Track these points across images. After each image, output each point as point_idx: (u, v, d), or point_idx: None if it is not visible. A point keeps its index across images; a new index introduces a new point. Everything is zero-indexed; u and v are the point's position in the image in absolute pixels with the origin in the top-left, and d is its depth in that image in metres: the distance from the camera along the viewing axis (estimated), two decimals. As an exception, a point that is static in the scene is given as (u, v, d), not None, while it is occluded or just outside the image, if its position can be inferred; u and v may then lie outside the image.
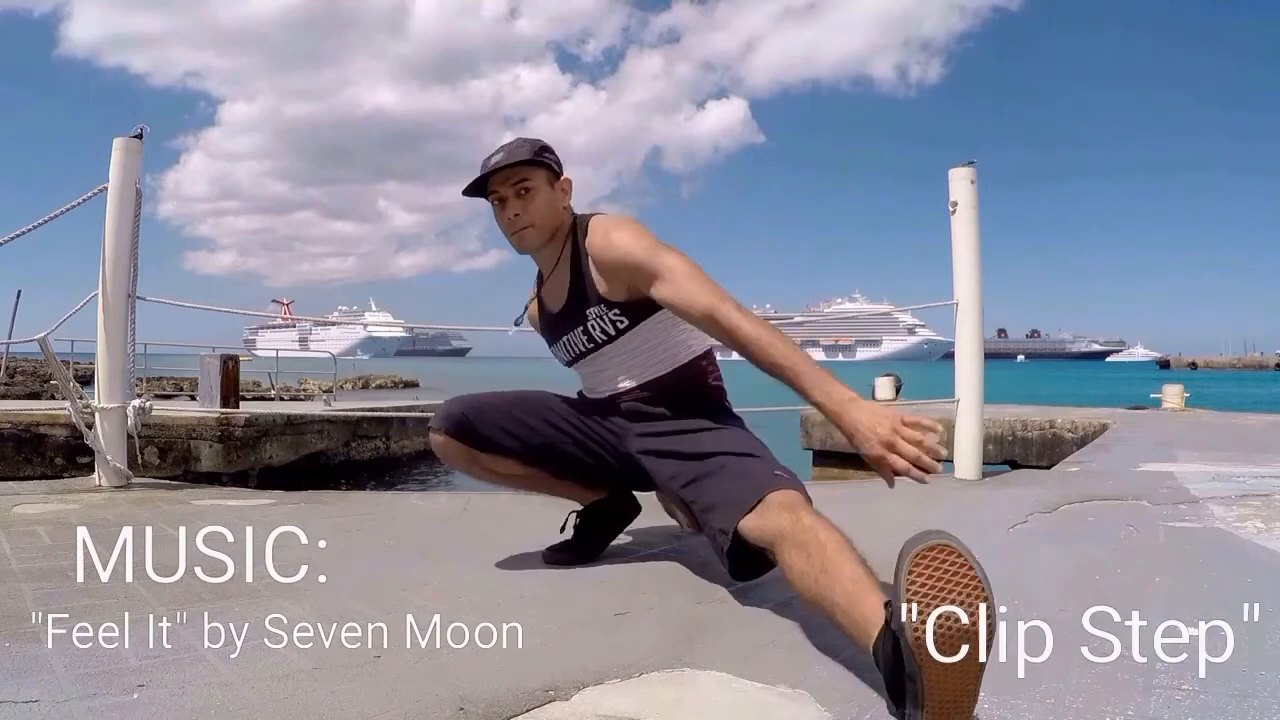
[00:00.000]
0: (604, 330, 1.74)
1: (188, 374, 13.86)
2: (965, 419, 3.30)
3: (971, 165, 3.29)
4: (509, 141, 1.77)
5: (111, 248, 2.92)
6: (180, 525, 1.57)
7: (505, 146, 1.76)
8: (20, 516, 2.33)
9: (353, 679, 1.18)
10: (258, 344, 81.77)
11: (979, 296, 3.28)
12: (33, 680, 1.14)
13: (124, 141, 2.95)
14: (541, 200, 1.74)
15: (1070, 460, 4.27)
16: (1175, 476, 3.21)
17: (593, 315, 1.74)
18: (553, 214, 1.75)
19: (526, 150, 1.73)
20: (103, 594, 1.47)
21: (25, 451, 7.32)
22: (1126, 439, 5.12)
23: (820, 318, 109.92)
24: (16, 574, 1.70)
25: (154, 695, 1.11)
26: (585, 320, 1.75)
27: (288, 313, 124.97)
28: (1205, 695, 1.11)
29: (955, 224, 3.27)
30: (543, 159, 1.74)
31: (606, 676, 1.19)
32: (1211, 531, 2.20)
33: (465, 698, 1.10)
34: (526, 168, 1.72)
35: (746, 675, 1.19)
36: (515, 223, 1.73)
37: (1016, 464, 5.90)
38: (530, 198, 1.73)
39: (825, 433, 7.11)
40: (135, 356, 3.11)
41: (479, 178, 1.73)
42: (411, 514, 2.52)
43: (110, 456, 2.91)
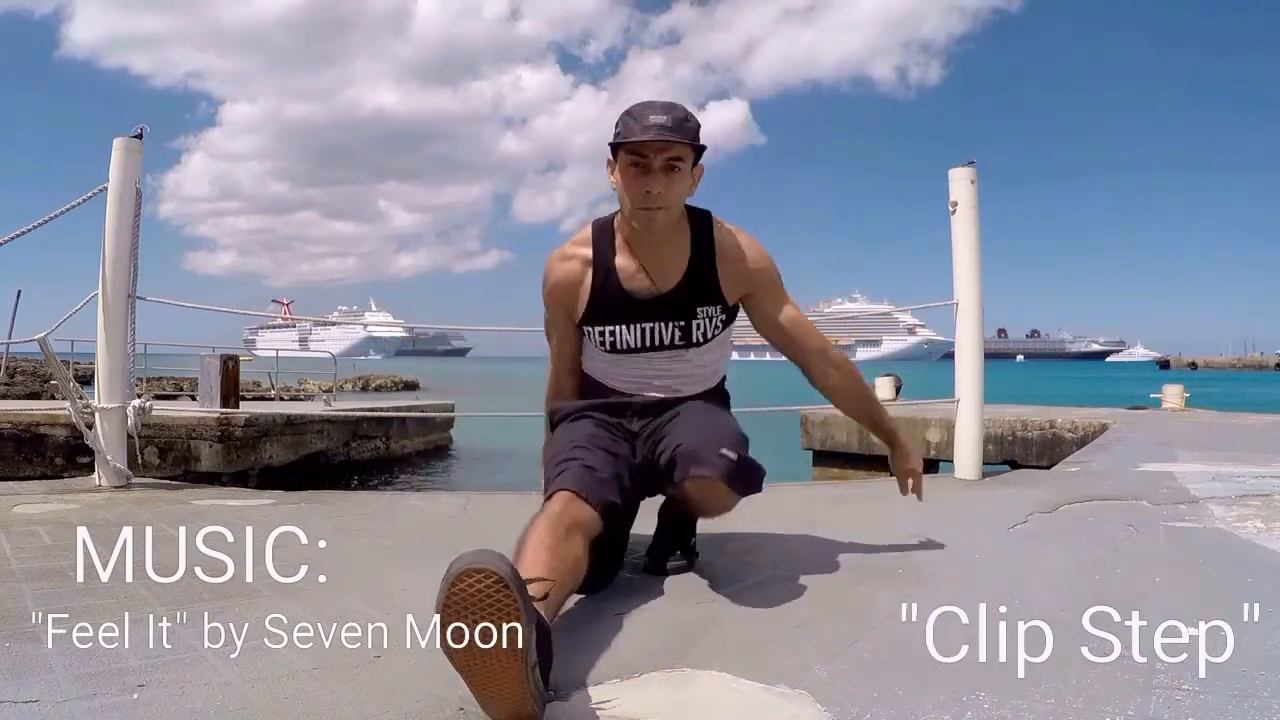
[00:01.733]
0: (704, 333, 1.69)
1: (188, 374, 13.85)
2: (965, 419, 3.30)
3: (971, 165, 3.28)
4: (666, 102, 1.60)
5: (111, 248, 2.92)
6: (180, 525, 1.57)
7: (667, 108, 1.58)
8: (20, 516, 2.33)
9: (353, 679, 1.18)
10: (258, 344, 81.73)
11: (979, 296, 3.28)
12: (33, 680, 1.14)
13: (124, 141, 2.94)
14: (684, 187, 1.61)
15: (1070, 460, 4.26)
16: (1175, 476, 3.21)
17: (702, 314, 1.68)
18: (683, 203, 1.65)
19: (695, 128, 1.58)
20: (103, 594, 1.47)
21: (25, 451, 7.31)
22: (1126, 439, 5.12)
23: (820, 318, 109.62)
24: (16, 574, 1.69)
25: (154, 695, 1.11)
26: (692, 316, 1.67)
27: (288, 313, 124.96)
28: (1205, 695, 1.11)
29: (955, 224, 3.27)
30: (699, 141, 1.59)
31: (606, 676, 1.19)
32: (1211, 531, 2.20)
33: (465, 698, 1.09)
34: (687, 148, 1.57)
35: (746, 675, 1.19)
36: (653, 199, 1.57)
37: (1016, 464, 5.90)
38: (675, 179, 1.58)
39: (825, 433, 7.11)
40: (135, 356, 3.11)
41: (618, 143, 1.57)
42: (411, 514, 2.52)
43: (110, 456, 2.91)
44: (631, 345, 1.69)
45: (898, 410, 7.09)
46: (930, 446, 6.35)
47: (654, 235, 1.64)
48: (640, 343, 1.68)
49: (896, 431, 1.97)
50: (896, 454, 1.97)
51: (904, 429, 7.04)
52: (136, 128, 2.96)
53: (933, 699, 1.11)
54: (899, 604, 1.40)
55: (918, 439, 6.45)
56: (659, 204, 1.58)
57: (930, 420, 6.36)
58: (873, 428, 1.97)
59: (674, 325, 1.68)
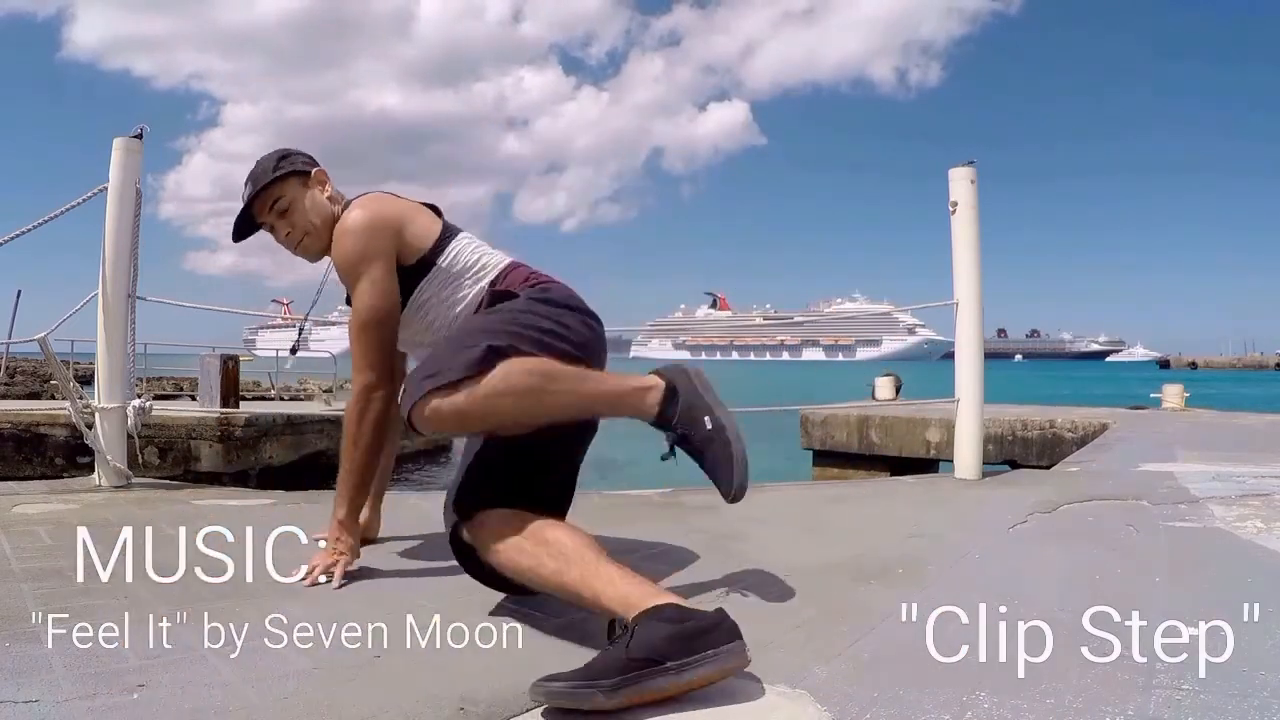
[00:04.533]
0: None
1: (188, 374, 13.85)
2: (965, 419, 3.30)
3: (971, 165, 3.28)
4: (253, 167, 1.79)
5: (111, 248, 2.92)
6: (180, 525, 1.57)
7: (250, 174, 1.78)
8: (20, 516, 2.33)
9: (353, 679, 1.18)
10: (258, 344, 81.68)
11: (979, 296, 3.28)
12: (33, 680, 1.14)
13: (124, 141, 2.94)
14: (302, 211, 1.75)
15: (1070, 460, 4.27)
16: (1175, 476, 3.21)
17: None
18: (320, 214, 1.76)
19: (268, 168, 1.75)
20: (103, 594, 1.46)
21: (25, 451, 7.31)
22: (1126, 439, 5.12)
23: (820, 318, 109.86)
24: (16, 574, 1.69)
25: (154, 695, 1.11)
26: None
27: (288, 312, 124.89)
28: (1205, 695, 1.11)
29: (955, 224, 3.27)
30: (281, 169, 1.75)
31: (606, 676, 1.19)
32: (1211, 531, 2.20)
33: (465, 698, 1.10)
34: (271, 188, 1.74)
35: (747, 676, 1.19)
36: (286, 242, 1.76)
37: (1016, 464, 5.90)
38: (289, 217, 1.75)
39: (825, 433, 7.11)
40: (135, 356, 3.11)
41: (242, 223, 1.78)
42: (411, 514, 2.51)
43: (110, 456, 2.91)
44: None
45: (898, 410, 7.11)
46: (930, 446, 6.35)
47: (322, 255, 1.77)
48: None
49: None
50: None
51: (904, 428, 6.98)
52: (136, 128, 2.96)
53: (933, 699, 1.11)
54: (899, 604, 1.40)
55: (918, 439, 6.46)
56: (294, 240, 1.77)
57: (930, 420, 6.36)
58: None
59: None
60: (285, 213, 1.75)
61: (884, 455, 6.61)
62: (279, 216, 1.75)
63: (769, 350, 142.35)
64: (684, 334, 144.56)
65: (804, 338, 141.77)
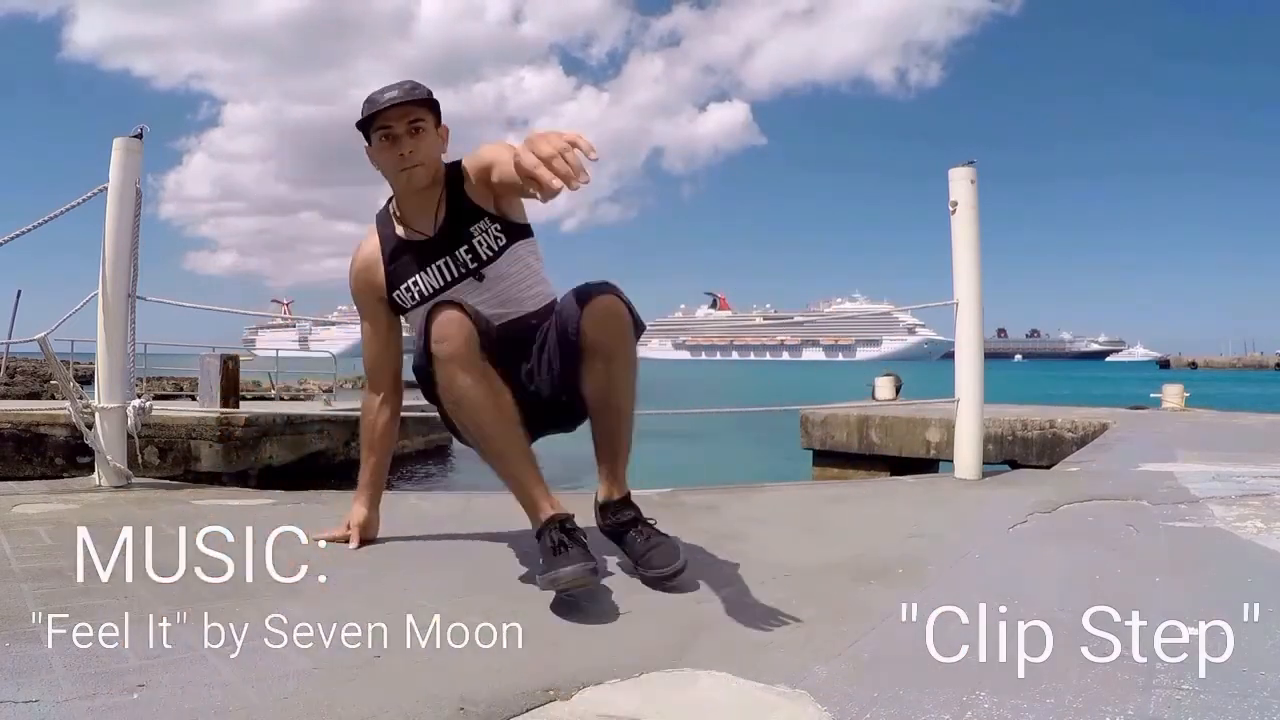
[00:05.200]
0: (489, 246, 1.79)
1: (188, 374, 13.85)
2: (965, 419, 3.30)
3: (971, 165, 3.28)
4: (397, 82, 1.79)
5: (111, 248, 2.92)
6: (180, 525, 1.57)
7: (397, 85, 1.77)
8: (20, 516, 2.33)
9: (353, 679, 1.18)
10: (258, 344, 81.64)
11: (979, 296, 3.28)
12: (33, 680, 1.14)
13: (124, 141, 2.94)
14: (432, 142, 1.78)
15: (1070, 460, 4.26)
16: (1175, 476, 3.21)
17: (477, 230, 1.79)
18: (437, 159, 1.81)
19: (426, 91, 1.77)
20: (103, 594, 1.46)
21: (25, 451, 7.32)
22: (1126, 439, 5.12)
23: (820, 318, 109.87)
24: (16, 574, 1.69)
25: (154, 695, 1.11)
26: (470, 237, 1.79)
27: (287, 312, 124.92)
28: (1205, 695, 1.11)
29: (955, 224, 3.27)
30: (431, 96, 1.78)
31: (606, 676, 1.19)
32: (1211, 531, 2.20)
33: (465, 698, 1.10)
34: (420, 108, 1.76)
35: (746, 675, 1.19)
36: (407, 159, 1.75)
37: (1016, 464, 5.90)
38: (422, 138, 1.76)
39: (825, 433, 7.11)
40: (135, 356, 3.10)
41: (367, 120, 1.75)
42: (411, 514, 2.52)
43: (110, 456, 2.91)
44: (435, 287, 1.81)
45: (898, 410, 7.11)
46: (930, 446, 6.35)
47: (418, 192, 1.79)
48: (440, 281, 1.81)
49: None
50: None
51: (904, 428, 6.98)
52: (136, 128, 2.96)
53: (933, 699, 1.11)
54: (899, 604, 1.40)
55: (918, 439, 6.46)
56: (414, 161, 1.75)
57: (930, 420, 6.36)
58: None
59: (460, 251, 1.79)
60: (416, 134, 1.76)
61: (884, 455, 6.61)
62: (410, 134, 1.75)
63: (769, 350, 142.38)
64: (684, 334, 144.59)
65: (804, 338, 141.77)
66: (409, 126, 1.75)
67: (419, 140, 1.76)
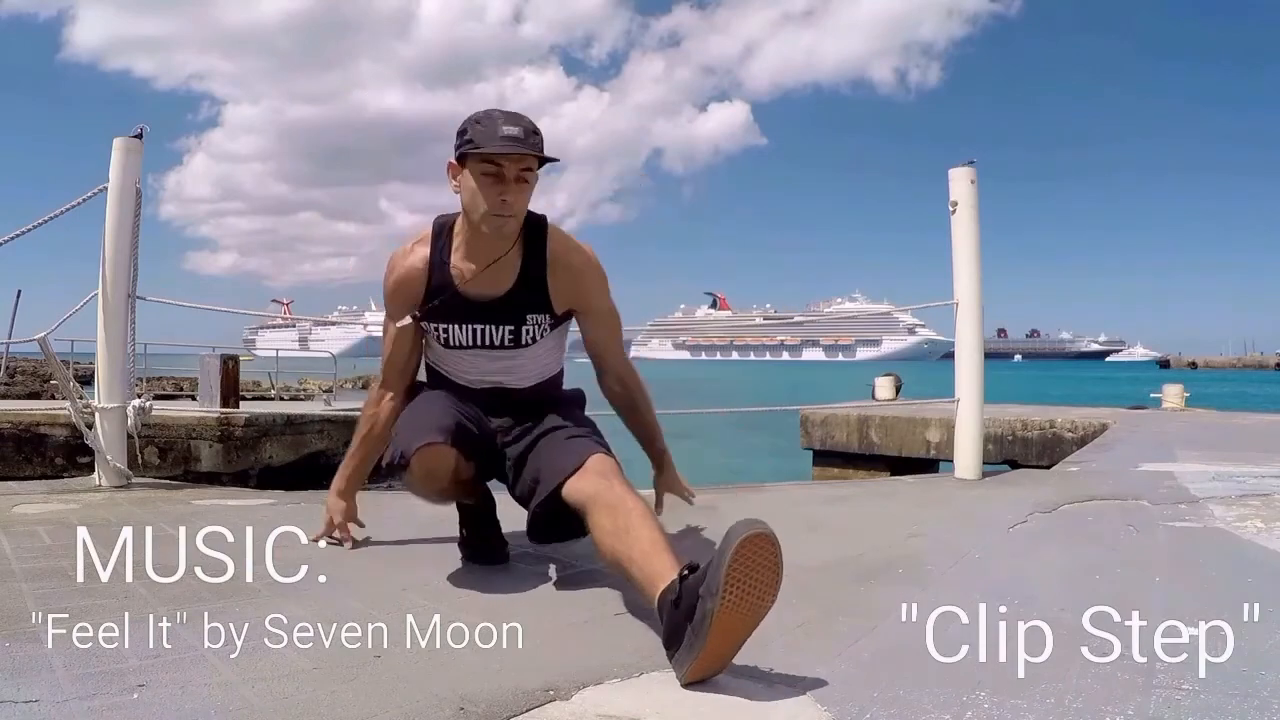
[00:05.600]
0: (533, 336, 1.77)
1: (188, 374, 13.84)
2: (965, 419, 3.30)
3: (971, 165, 3.28)
4: (513, 112, 1.65)
5: (111, 248, 2.92)
6: (180, 525, 1.57)
7: (515, 119, 1.63)
8: (20, 516, 2.33)
9: (353, 679, 1.18)
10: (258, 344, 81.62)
11: (979, 296, 3.28)
12: (33, 680, 1.14)
13: (124, 141, 2.94)
14: (529, 196, 1.69)
15: (1070, 460, 4.26)
16: (1175, 476, 3.21)
17: (531, 320, 1.76)
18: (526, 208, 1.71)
19: (542, 141, 1.64)
20: (103, 594, 1.46)
21: (25, 451, 7.31)
22: (1126, 439, 5.12)
23: (820, 318, 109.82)
24: (16, 574, 1.69)
25: (154, 695, 1.11)
26: (522, 322, 1.75)
27: (287, 312, 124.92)
28: (1205, 695, 1.11)
29: (955, 224, 3.27)
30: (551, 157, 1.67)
31: (606, 676, 1.19)
32: (1211, 531, 2.20)
33: (465, 698, 1.10)
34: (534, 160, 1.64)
35: (746, 675, 1.19)
36: (507, 208, 1.63)
37: (1016, 464, 5.89)
38: (525, 190, 1.66)
39: (825, 433, 7.11)
40: (135, 356, 3.11)
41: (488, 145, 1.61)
42: (411, 514, 2.52)
43: (110, 456, 2.91)
44: (464, 343, 1.78)
45: (898, 410, 7.11)
46: (930, 446, 6.35)
47: (501, 241, 1.70)
48: (471, 341, 1.77)
49: (666, 453, 1.90)
50: (662, 476, 1.91)
51: (904, 428, 6.97)
52: (136, 128, 2.96)
53: (933, 699, 1.11)
54: (899, 604, 1.40)
55: (918, 439, 6.46)
56: (512, 212, 1.65)
57: (930, 420, 6.36)
58: (645, 443, 1.91)
59: (504, 329, 1.76)
60: (522, 183, 1.64)
61: (884, 455, 6.61)
62: (517, 181, 1.63)
63: (769, 350, 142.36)
64: (684, 334, 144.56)
65: (804, 338, 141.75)
66: (519, 173, 1.63)
67: (522, 192, 1.65)
